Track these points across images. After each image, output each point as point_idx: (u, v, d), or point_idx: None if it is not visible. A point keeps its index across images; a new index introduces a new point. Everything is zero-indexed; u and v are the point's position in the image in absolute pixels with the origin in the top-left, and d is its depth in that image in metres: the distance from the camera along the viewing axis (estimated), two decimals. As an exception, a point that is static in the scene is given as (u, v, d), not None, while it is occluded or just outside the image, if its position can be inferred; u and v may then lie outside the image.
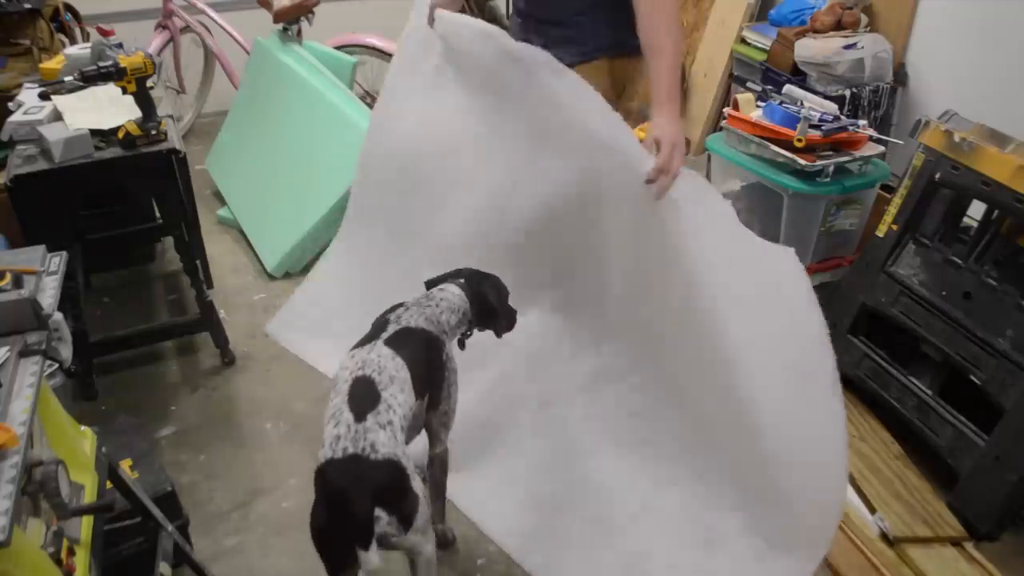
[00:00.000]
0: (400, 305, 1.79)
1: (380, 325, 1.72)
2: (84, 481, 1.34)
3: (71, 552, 1.20)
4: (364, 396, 1.48)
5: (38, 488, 1.12)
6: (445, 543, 1.95)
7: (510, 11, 2.16)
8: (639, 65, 1.98)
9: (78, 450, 1.39)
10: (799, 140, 2.39)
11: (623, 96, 2.09)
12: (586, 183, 1.98)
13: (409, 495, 1.43)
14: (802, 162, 2.39)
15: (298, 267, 3.14)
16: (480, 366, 2.17)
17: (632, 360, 2.16)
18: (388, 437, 1.42)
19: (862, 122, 2.51)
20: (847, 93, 3.01)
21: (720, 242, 1.81)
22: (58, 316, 1.32)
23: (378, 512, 1.36)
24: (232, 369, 2.64)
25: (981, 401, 2.06)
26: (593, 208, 2.02)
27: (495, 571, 1.95)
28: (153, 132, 2.25)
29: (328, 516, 1.37)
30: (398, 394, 1.52)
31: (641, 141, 1.77)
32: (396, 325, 1.70)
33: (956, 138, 2.17)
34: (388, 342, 1.63)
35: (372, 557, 1.33)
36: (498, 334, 1.94)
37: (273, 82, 3.52)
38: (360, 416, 1.43)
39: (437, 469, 1.88)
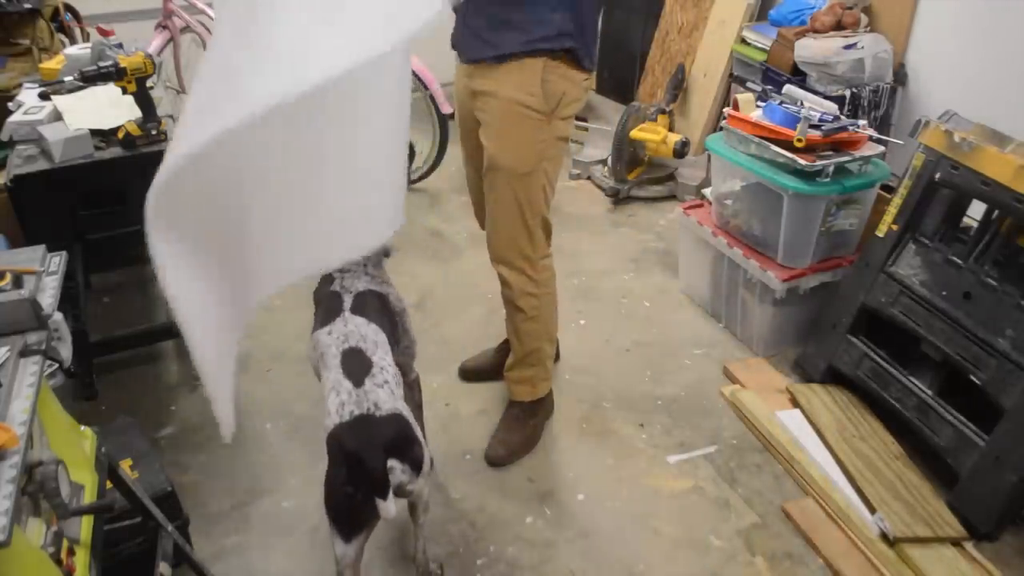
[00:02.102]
0: (331, 275, 1.78)
1: (330, 297, 1.73)
2: (84, 481, 1.34)
3: (71, 552, 1.20)
4: (357, 365, 1.56)
5: (38, 488, 1.12)
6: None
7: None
8: (571, 72, 1.90)
9: (78, 450, 1.39)
10: (799, 140, 2.38)
11: (557, 108, 1.94)
12: None
13: (416, 442, 1.52)
14: (802, 162, 2.39)
15: (298, 267, 3.13)
16: None
17: None
18: (387, 394, 1.52)
19: (862, 122, 2.51)
20: (847, 93, 3.01)
21: None
22: (58, 316, 1.32)
23: (391, 463, 1.45)
24: (232, 369, 2.64)
25: (981, 401, 2.06)
26: None
27: (495, 571, 1.96)
28: (153, 132, 2.25)
29: (347, 476, 1.44)
30: (385, 356, 1.61)
31: (645, 140, 1.75)
32: (349, 293, 1.73)
33: (956, 138, 2.17)
34: (355, 311, 1.69)
35: (390, 506, 1.41)
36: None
37: (273, 82, 3.51)
38: (358, 382, 1.52)
39: (416, 392, 2.06)
